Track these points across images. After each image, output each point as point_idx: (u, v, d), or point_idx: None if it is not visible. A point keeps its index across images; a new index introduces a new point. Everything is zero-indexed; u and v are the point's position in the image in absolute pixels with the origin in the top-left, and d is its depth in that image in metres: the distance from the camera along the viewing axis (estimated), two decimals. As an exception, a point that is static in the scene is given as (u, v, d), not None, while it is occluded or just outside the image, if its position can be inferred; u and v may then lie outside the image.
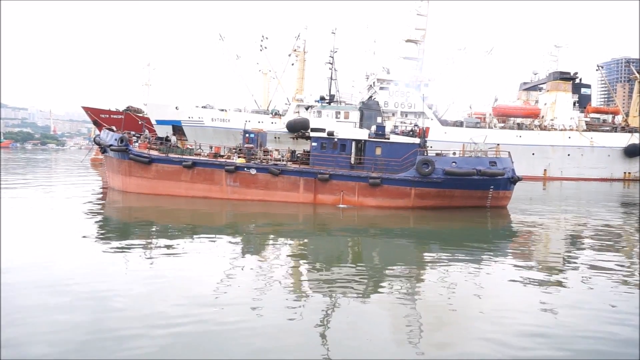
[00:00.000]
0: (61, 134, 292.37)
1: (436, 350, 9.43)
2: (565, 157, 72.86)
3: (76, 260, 15.29)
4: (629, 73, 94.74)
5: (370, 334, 10.12)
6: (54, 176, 51.80)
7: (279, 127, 68.92)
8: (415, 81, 75.95)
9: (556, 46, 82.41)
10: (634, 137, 72.76)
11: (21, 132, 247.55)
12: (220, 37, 77.25)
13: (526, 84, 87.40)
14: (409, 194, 30.53)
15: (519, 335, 10.23)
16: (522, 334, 10.28)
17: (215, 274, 14.21)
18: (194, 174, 31.93)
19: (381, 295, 13.08)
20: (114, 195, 33.30)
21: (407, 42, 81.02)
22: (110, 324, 9.97)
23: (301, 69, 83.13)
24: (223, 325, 10.17)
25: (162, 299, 11.67)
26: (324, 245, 20.17)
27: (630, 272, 16.06)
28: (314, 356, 8.86)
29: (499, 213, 30.56)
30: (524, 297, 13.28)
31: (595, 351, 9.61)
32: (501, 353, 9.27)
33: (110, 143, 33.78)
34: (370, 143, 31.24)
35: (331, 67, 34.83)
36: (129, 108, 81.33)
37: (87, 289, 12.20)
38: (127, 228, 22.37)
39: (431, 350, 9.40)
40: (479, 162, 30.85)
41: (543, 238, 23.25)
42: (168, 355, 8.68)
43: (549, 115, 76.72)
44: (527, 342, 9.88)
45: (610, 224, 27.34)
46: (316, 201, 30.91)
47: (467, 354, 9.29)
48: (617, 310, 12.03)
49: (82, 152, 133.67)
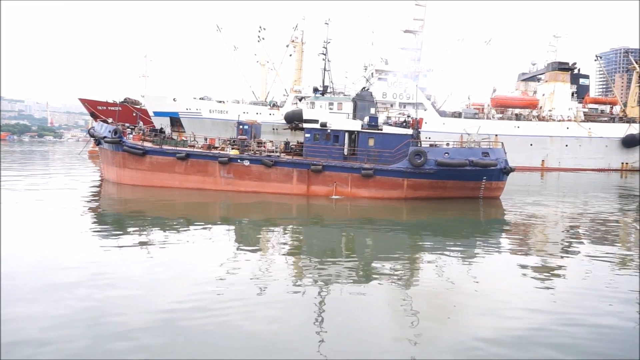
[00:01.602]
0: (58, 126, 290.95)
1: (433, 342, 9.51)
2: (563, 148, 72.82)
3: (71, 256, 14.98)
4: (627, 63, 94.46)
5: (368, 325, 10.17)
6: (51, 169, 51.93)
7: (277, 118, 68.91)
8: (413, 72, 75.81)
9: (555, 36, 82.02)
10: (631, 127, 72.64)
11: (18, 124, 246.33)
12: (218, 28, 77.02)
13: (524, 75, 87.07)
14: (401, 185, 30.62)
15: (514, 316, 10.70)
16: (515, 317, 10.75)
17: (209, 267, 14.19)
18: (187, 165, 32.03)
19: (376, 286, 13.10)
20: (109, 188, 33.41)
21: (406, 32, 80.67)
22: (108, 320, 9.93)
23: (299, 60, 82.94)
24: (218, 319, 10.12)
25: (159, 295, 11.61)
26: (318, 238, 20.19)
27: (621, 259, 16.21)
28: (310, 354, 8.74)
29: (492, 204, 30.66)
30: (517, 282, 13.60)
31: (589, 325, 10.37)
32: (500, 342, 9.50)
33: (104, 135, 33.84)
34: (363, 134, 31.28)
35: (324, 58, 34.77)
36: (127, 100, 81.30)
37: (82, 288, 11.92)
38: (121, 221, 22.10)
39: (429, 343, 9.46)
40: (472, 153, 30.89)
41: (535, 228, 23.35)
42: (169, 354, 8.63)
43: (547, 105, 76.56)
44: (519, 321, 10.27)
45: (606, 213, 27.52)
46: (309, 192, 31.01)
47: (464, 344, 9.38)
48: (613, 291, 12.78)
49: (79, 144, 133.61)
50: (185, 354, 8.63)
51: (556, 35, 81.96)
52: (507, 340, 9.41)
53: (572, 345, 9.31)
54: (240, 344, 9.03)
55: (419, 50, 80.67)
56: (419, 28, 79.79)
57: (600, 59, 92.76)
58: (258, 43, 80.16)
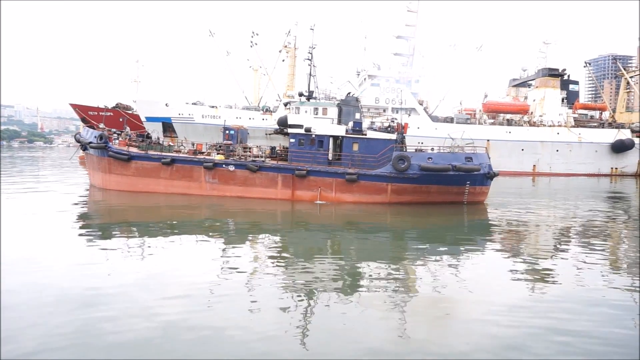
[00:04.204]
0: (49, 131, 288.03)
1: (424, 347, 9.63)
2: (554, 153, 73.19)
3: (55, 265, 14.80)
4: (615, 70, 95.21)
5: (355, 330, 10.28)
6: (41, 175, 51.80)
7: (269, 123, 68.99)
8: (406, 77, 76.20)
9: (545, 43, 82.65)
10: (621, 133, 73.10)
11: (7, 130, 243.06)
12: (210, 33, 77.20)
13: (515, 81, 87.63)
14: (385, 190, 30.75)
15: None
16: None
17: (194, 273, 14.22)
18: (173, 170, 32.09)
19: (362, 292, 13.08)
20: (95, 193, 33.32)
21: (398, 38, 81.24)
22: (98, 325, 10.03)
23: (292, 65, 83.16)
24: (207, 322, 10.29)
25: (148, 299, 11.67)
26: (303, 243, 20.11)
27: (612, 261, 16.35)
28: (301, 356, 8.90)
29: (476, 208, 30.81)
30: (501, 283, 13.83)
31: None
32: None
33: (89, 140, 33.88)
34: (347, 139, 31.43)
35: (310, 63, 34.98)
36: (118, 105, 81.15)
37: (72, 293, 11.97)
38: (106, 229, 21.72)
39: (418, 348, 9.58)
40: (455, 158, 31.07)
41: (518, 232, 23.41)
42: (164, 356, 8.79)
43: (537, 111, 76.99)
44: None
45: (594, 217, 27.77)
46: (294, 197, 31.11)
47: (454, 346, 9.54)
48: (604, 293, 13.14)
49: (70, 149, 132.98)
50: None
51: (546, 42, 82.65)
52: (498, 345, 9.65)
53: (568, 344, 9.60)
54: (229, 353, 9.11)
55: (411, 55, 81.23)
56: (411, 34, 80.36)
57: (590, 65, 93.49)
58: (251, 48, 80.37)
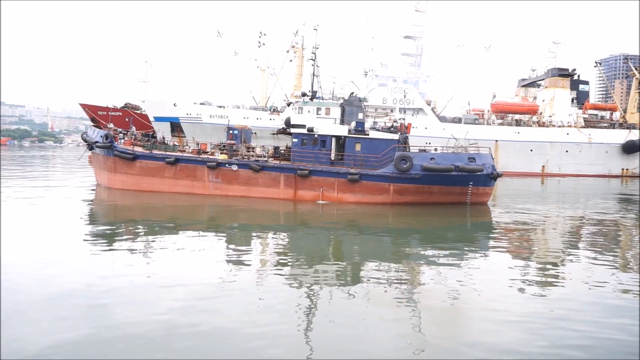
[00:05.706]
0: (59, 131, 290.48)
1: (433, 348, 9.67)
2: (563, 154, 72.50)
3: (62, 262, 14.97)
4: (627, 69, 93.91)
5: (361, 331, 10.33)
6: (50, 174, 52.50)
7: (277, 123, 69.21)
8: (413, 77, 76.01)
9: (554, 43, 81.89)
10: (631, 133, 72.19)
11: (18, 129, 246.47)
12: (218, 34, 77.73)
13: (524, 81, 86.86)
14: (387, 190, 30.71)
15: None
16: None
17: (198, 272, 14.35)
18: (177, 170, 32.35)
19: (365, 292, 13.08)
20: (102, 192, 33.70)
21: (406, 38, 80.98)
22: (106, 322, 10.22)
23: (299, 66, 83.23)
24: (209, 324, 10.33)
25: (152, 303, 11.71)
26: (305, 243, 20.20)
27: (621, 264, 16.24)
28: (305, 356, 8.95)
29: (479, 209, 30.63)
30: (505, 286, 13.89)
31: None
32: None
33: (96, 140, 34.29)
34: (349, 139, 31.45)
35: (314, 63, 35.03)
36: (127, 105, 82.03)
37: (81, 295, 12.02)
38: (112, 227, 21.93)
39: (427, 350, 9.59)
40: (457, 158, 30.91)
41: (524, 233, 23.19)
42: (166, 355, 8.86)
43: (547, 111, 76.28)
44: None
45: (604, 219, 27.52)
46: (296, 197, 31.19)
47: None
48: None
49: (79, 149, 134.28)
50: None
51: (555, 42, 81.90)
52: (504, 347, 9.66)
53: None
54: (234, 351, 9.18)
55: (419, 55, 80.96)
56: (419, 34, 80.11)
57: (600, 65, 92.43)
58: (258, 48, 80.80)
